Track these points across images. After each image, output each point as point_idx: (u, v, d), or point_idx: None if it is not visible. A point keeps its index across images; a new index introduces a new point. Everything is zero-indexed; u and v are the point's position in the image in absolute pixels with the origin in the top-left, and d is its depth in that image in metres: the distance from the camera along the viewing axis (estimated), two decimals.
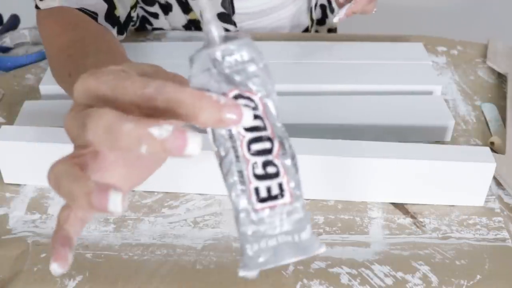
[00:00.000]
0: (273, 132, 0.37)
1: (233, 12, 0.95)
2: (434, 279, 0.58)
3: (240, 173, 0.37)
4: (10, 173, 0.66)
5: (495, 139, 0.76)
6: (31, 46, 0.93)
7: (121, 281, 0.56)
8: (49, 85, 0.78)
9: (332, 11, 1.09)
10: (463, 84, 0.88)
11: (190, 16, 0.98)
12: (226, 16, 0.95)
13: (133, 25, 1.00)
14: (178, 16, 0.98)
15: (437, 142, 0.75)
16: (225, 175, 0.37)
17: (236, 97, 0.37)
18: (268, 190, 0.37)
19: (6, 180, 0.67)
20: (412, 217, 0.65)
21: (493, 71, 0.91)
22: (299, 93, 0.78)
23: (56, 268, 0.37)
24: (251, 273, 0.37)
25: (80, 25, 0.70)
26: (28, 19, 1.39)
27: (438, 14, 1.89)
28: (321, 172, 0.64)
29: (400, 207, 0.66)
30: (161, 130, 0.34)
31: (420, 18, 1.81)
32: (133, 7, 0.81)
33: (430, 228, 0.64)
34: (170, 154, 0.34)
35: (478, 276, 0.58)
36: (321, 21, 1.11)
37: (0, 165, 0.66)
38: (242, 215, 0.37)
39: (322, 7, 1.09)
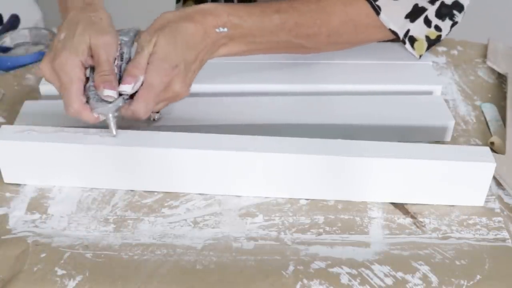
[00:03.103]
0: None
1: None
2: (434, 279, 0.58)
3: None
4: (10, 173, 0.66)
5: (495, 139, 0.76)
6: (31, 46, 0.93)
7: (121, 281, 0.56)
8: (49, 85, 0.78)
9: None
10: (463, 84, 0.88)
11: None
12: None
13: None
14: None
15: (437, 142, 0.75)
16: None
17: None
18: None
19: (6, 180, 0.67)
20: (412, 217, 0.65)
21: (493, 71, 0.91)
22: (299, 93, 0.78)
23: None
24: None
25: None
26: (28, 19, 1.39)
27: None
28: (321, 172, 0.64)
29: (400, 207, 0.66)
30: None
31: None
32: None
33: (430, 228, 0.64)
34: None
35: (478, 276, 0.58)
36: None
37: (0, 165, 0.66)
38: None
39: None
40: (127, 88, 0.63)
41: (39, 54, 0.89)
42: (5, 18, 0.99)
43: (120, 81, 0.64)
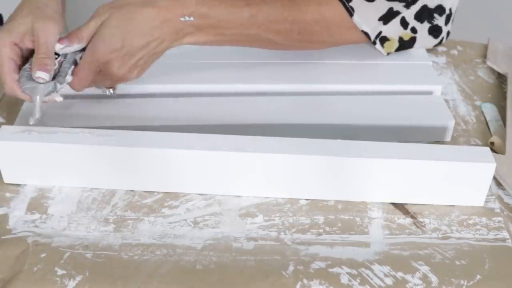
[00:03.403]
0: None
1: None
2: (434, 279, 0.58)
3: None
4: (10, 173, 0.66)
5: (495, 139, 0.76)
6: None
7: (121, 281, 0.56)
8: None
9: None
10: (463, 84, 0.88)
11: None
12: None
13: None
14: None
15: (437, 142, 0.75)
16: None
17: None
18: None
19: (6, 180, 0.67)
20: (412, 217, 0.65)
21: (493, 71, 0.91)
22: (299, 93, 0.78)
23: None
24: None
25: None
26: None
27: None
28: (321, 172, 0.64)
29: (400, 207, 0.66)
30: None
31: None
32: None
33: (430, 228, 0.64)
34: None
35: (478, 276, 0.58)
36: None
37: (0, 165, 0.66)
38: None
39: None
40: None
41: None
42: (5, 18, 0.99)
43: (55, 76, 0.65)
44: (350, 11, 0.75)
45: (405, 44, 0.81)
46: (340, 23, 0.76)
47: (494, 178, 0.69)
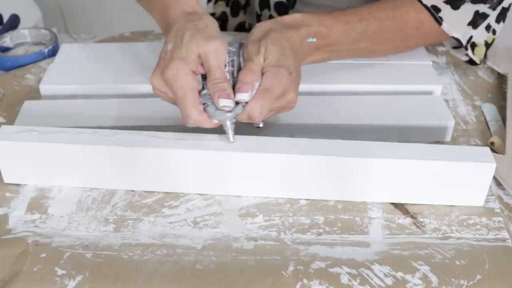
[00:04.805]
0: None
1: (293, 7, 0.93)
2: (434, 279, 0.58)
3: None
4: (10, 173, 0.66)
5: (495, 139, 0.76)
6: (31, 46, 0.93)
7: (121, 281, 0.56)
8: (49, 85, 0.78)
9: None
10: (463, 84, 0.88)
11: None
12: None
13: None
14: None
15: (437, 142, 0.75)
16: None
17: None
18: None
19: (6, 180, 0.67)
20: (412, 217, 0.65)
21: (493, 71, 0.91)
22: (299, 93, 0.78)
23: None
24: None
25: None
26: (28, 19, 1.39)
27: None
28: (321, 172, 0.64)
29: (400, 207, 0.66)
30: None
31: None
32: None
33: (430, 228, 0.64)
34: None
35: (478, 276, 0.58)
36: None
37: (0, 165, 0.66)
38: None
39: None
40: (245, 96, 0.61)
41: (39, 54, 0.88)
42: (5, 18, 0.99)
43: (234, 87, 0.62)
44: (439, 21, 0.76)
45: (488, 47, 0.83)
46: (436, 29, 0.78)
47: (494, 178, 0.69)
